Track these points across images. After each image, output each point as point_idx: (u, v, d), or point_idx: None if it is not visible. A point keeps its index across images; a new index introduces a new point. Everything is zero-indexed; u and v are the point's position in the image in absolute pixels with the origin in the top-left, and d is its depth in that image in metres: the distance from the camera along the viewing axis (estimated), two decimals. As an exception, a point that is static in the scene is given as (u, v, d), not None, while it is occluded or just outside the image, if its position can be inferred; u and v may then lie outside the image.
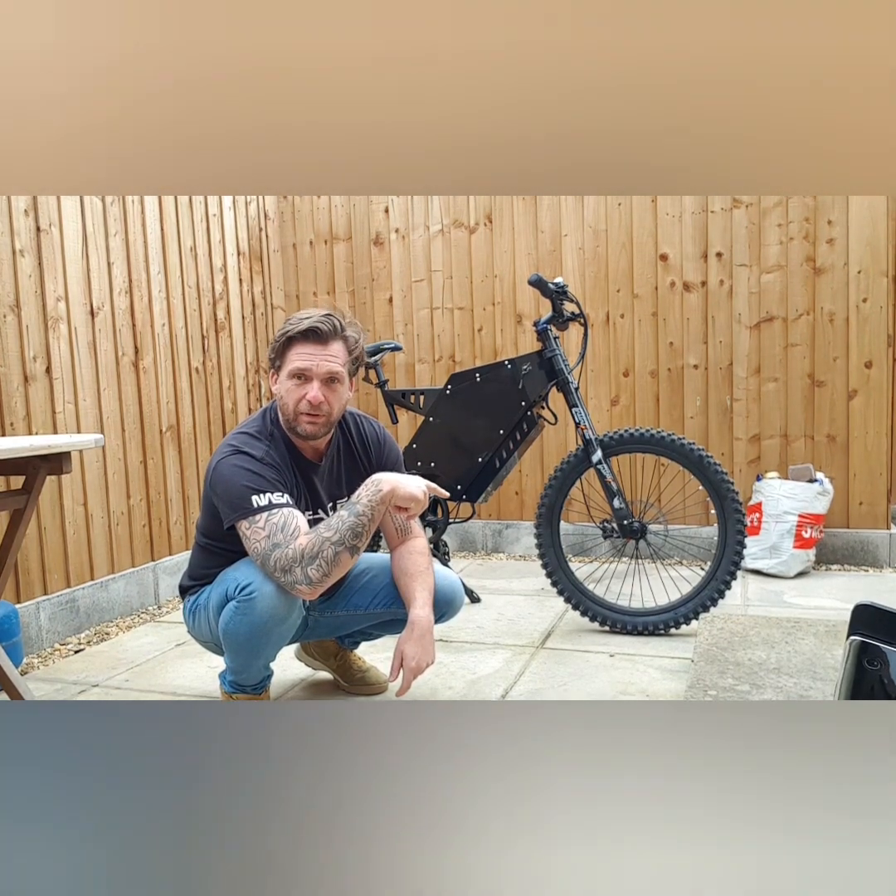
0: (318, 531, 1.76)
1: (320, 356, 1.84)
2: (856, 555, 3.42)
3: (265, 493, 1.79)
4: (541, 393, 2.77)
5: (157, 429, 3.19)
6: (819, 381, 3.39)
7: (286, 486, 1.86)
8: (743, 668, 1.90)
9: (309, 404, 1.84)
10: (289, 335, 1.85)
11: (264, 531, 1.75)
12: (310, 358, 1.84)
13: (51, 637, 2.71)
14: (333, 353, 1.86)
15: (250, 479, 1.80)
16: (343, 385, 1.89)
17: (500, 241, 3.75)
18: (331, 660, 2.28)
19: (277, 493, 1.80)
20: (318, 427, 1.88)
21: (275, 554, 1.74)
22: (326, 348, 1.85)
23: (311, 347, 1.84)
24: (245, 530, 1.78)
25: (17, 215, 2.59)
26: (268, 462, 1.85)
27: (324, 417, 1.87)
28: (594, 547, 3.50)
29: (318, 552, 1.73)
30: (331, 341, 1.86)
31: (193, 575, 2.02)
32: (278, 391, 1.90)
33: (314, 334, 1.84)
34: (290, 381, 1.86)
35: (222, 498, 1.83)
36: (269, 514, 1.76)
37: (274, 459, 1.87)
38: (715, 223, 3.46)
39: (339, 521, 1.77)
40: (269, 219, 3.98)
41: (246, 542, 1.79)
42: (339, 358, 1.87)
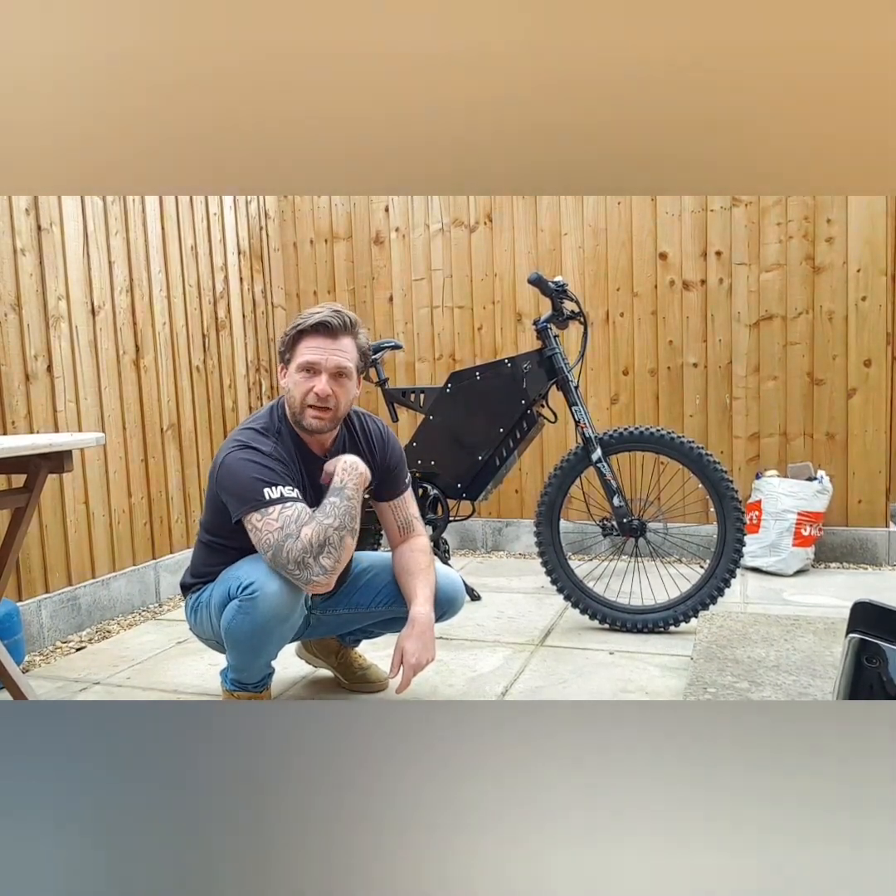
0: (317, 520, 1.77)
1: (330, 350, 1.85)
2: (855, 552, 3.42)
3: (276, 485, 1.79)
4: (541, 391, 2.78)
5: (157, 427, 3.20)
6: (818, 380, 3.40)
7: (294, 481, 1.87)
8: (742, 666, 1.91)
9: (316, 397, 1.84)
10: (299, 328, 1.86)
11: (277, 523, 1.75)
12: (319, 351, 1.84)
13: (52, 635, 2.72)
14: (343, 348, 1.86)
15: (260, 471, 1.80)
16: (351, 380, 1.90)
17: (499, 239, 3.75)
18: (331, 657, 2.29)
19: (288, 486, 1.81)
20: (324, 422, 1.88)
21: (287, 545, 1.74)
22: (336, 343, 1.85)
23: (321, 341, 1.85)
24: (256, 522, 1.77)
25: (18, 214, 2.59)
26: (275, 457, 1.85)
27: (330, 412, 1.87)
28: (594, 545, 3.50)
29: (325, 539, 1.75)
30: (341, 336, 1.86)
31: (195, 573, 2.03)
32: (286, 385, 1.90)
33: (325, 328, 1.84)
34: (298, 374, 1.86)
35: (231, 491, 1.83)
36: (284, 506, 1.76)
37: (281, 455, 1.87)
38: (714, 222, 3.46)
39: (334, 508, 1.79)
40: (269, 218, 3.98)
41: (255, 535, 1.78)
42: (348, 353, 1.87)
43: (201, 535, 2.03)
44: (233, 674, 1.95)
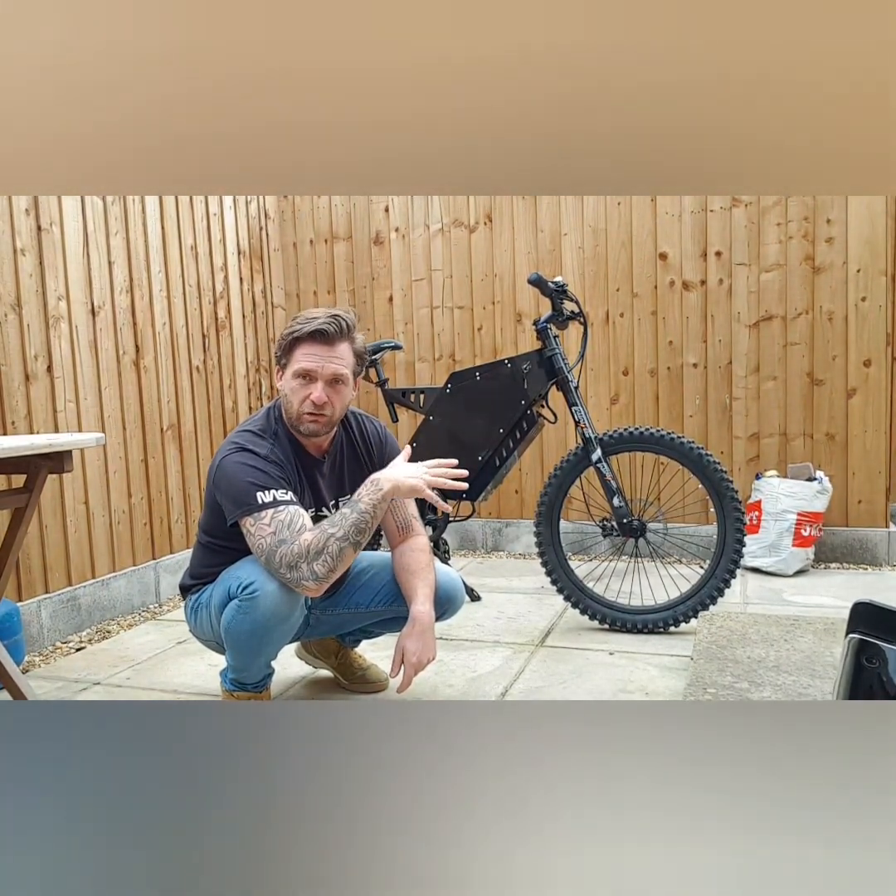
0: (322, 528, 1.77)
1: (326, 358, 1.85)
2: (854, 553, 3.42)
3: (269, 489, 1.79)
4: (541, 391, 2.78)
5: (157, 427, 3.20)
6: (818, 380, 3.40)
7: (290, 483, 1.87)
8: (742, 666, 1.91)
9: (312, 405, 1.85)
10: (295, 335, 1.86)
11: (270, 528, 1.76)
12: (315, 359, 1.85)
13: (52, 635, 2.72)
14: (339, 355, 1.87)
15: (254, 475, 1.81)
16: (347, 386, 1.90)
17: (499, 240, 3.75)
18: (331, 658, 2.29)
19: (282, 490, 1.81)
20: (320, 426, 1.90)
21: (280, 550, 1.74)
22: (332, 350, 1.86)
23: (317, 348, 1.85)
24: (250, 527, 1.78)
25: (17, 214, 2.59)
26: (272, 460, 1.86)
27: (326, 417, 1.89)
28: (594, 545, 3.50)
29: (324, 548, 1.74)
30: (337, 343, 1.86)
31: (195, 573, 2.03)
32: (283, 388, 1.91)
33: (321, 335, 1.84)
34: (294, 380, 1.87)
35: (226, 494, 1.84)
36: (276, 510, 1.77)
37: (278, 457, 1.88)
38: (714, 222, 3.46)
39: (343, 518, 1.78)
40: (269, 218, 3.98)
41: (250, 539, 1.79)
42: (344, 359, 1.88)
43: (200, 536, 2.03)
44: (232, 674, 1.95)
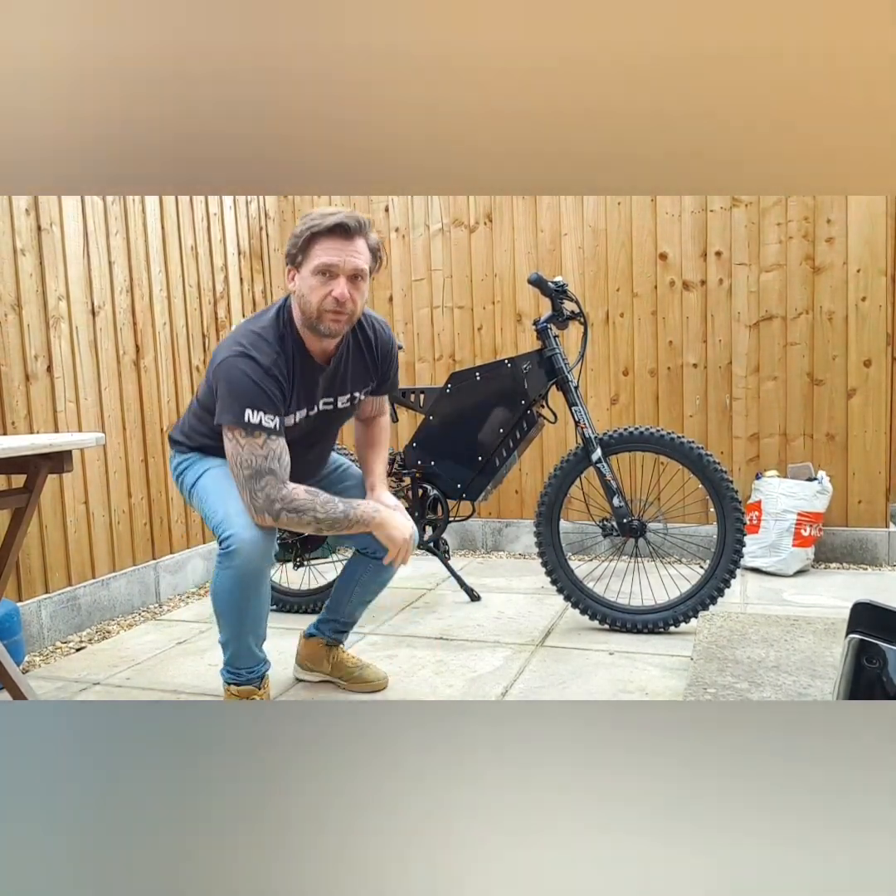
0: (314, 498, 1.85)
1: (347, 252, 1.82)
2: (855, 553, 3.42)
3: (259, 411, 1.81)
4: (541, 391, 2.78)
5: (157, 427, 3.20)
6: (818, 380, 3.40)
7: (285, 397, 1.88)
8: (742, 666, 1.91)
9: (335, 301, 1.82)
10: (314, 230, 1.81)
11: (263, 451, 1.81)
12: (337, 253, 1.81)
13: (52, 635, 2.72)
14: (358, 250, 1.84)
15: (253, 391, 1.81)
16: (366, 282, 1.88)
17: (499, 240, 3.75)
18: (324, 663, 2.28)
19: (269, 415, 1.82)
20: (341, 325, 1.87)
21: (267, 478, 1.80)
22: (352, 244, 1.82)
23: (337, 243, 1.81)
24: (239, 438, 1.81)
25: (18, 214, 2.59)
26: (272, 374, 1.84)
27: (347, 315, 1.86)
28: (594, 545, 3.50)
29: (301, 512, 1.82)
30: (356, 238, 1.83)
31: (184, 432, 2.08)
32: (299, 288, 1.86)
33: (341, 229, 1.81)
34: (314, 277, 1.83)
35: (221, 396, 1.85)
36: (270, 438, 1.81)
37: (280, 370, 1.86)
38: (714, 222, 3.46)
39: (333, 507, 1.85)
40: (269, 218, 3.98)
41: (235, 448, 1.82)
42: (363, 255, 1.85)
43: (193, 403, 2.06)
44: (226, 657, 1.97)
